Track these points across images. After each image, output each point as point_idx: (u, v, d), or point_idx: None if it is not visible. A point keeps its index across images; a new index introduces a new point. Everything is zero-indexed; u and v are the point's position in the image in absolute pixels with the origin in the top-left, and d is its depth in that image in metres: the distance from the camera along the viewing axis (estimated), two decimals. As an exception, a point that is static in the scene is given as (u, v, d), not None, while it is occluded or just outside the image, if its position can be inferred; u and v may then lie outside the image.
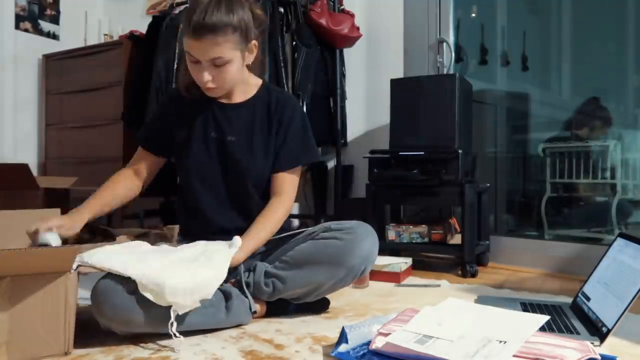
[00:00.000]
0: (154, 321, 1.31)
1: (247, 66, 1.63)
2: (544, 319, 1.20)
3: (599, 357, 1.07)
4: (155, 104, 3.08)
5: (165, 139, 1.66)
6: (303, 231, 1.64)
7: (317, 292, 1.55)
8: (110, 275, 1.31)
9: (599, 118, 2.98)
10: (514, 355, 1.04)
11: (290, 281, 1.51)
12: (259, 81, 1.71)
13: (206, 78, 1.47)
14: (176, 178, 1.72)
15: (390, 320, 1.27)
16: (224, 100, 1.64)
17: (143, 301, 1.28)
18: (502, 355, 1.03)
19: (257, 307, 1.54)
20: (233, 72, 1.51)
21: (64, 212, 1.51)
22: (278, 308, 1.58)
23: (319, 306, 1.64)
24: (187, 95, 1.63)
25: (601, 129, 2.98)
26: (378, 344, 1.15)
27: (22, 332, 1.15)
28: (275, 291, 1.53)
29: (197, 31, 1.40)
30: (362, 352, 1.17)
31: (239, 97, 1.65)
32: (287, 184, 1.64)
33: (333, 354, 1.20)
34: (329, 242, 1.51)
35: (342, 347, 1.20)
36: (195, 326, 1.39)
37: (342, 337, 1.25)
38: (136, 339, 1.33)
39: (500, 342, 1.09)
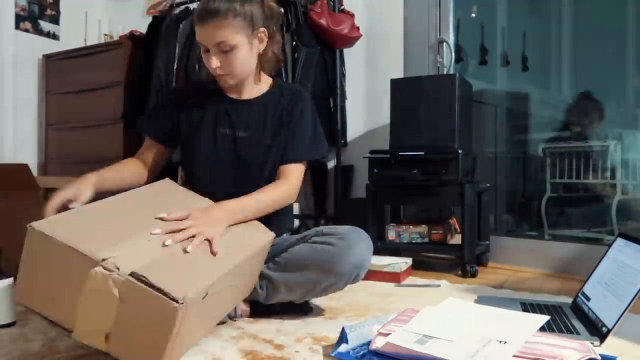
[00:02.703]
0: None
1: (261, 63, 1.62)
2: (544, 319, 1.20)
3: (599, 357, 1.07)
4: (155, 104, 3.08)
5: (171, 130, 1.64)
6: (304, 235, 1.60)
7: (308, 295, 1.54)
8: None
9: (592, 111, 2.98)
10: (514, 355, 1.04)
11: (281, 284, 1.50)
12: (270, 79, 1.69)
13: (214, 63, 1.48)
14: (176, 172, 1.70)
15: (390, 320, 1.27)
16: (234, 96, 1.63)
17: None
18: (502, 355, 1.03)
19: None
20: (241, 58, 1.50)
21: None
22: (263, 308, 1.57)
23: (303, 307, 1.64)
24: (206, 88, 1.62)
25: (597, 122, 2.98)
26: (378, 344, 1.15)
27: (124, 333, 1.05)
28: (269, 293, 1.52)
29: (201, 17, 1.46)
30: (362, 352, 1.17)
31: (251, 94, 1.64)
32: (292, 174, 1.60)
33: (333, 354, 1.20)
34: (320, 247, 1.48)
35: (342, 347, 1.21)
36: None
37: (342, 337, 1.25)
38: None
39: (501, 342, 1.09)
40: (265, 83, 1.67)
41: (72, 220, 1.14)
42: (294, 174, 1.61)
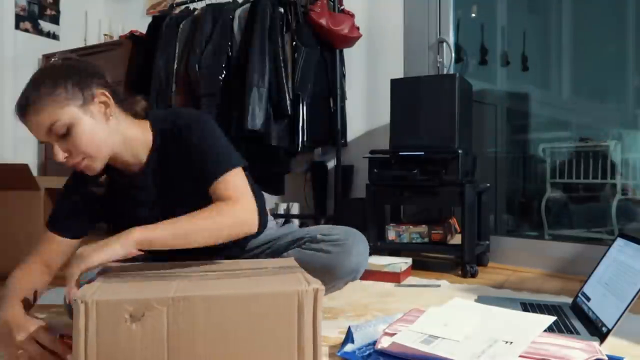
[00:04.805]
0: None
1: (129, 117, 1.36)
2: (550, 319, 1.20)
3: (606, 358, 1.08)
4: (155, 104, 3.09)
5: (88, 223, 1.42)
6: (297, 239, 1.51)
7: None
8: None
9: None
10: (521, 356, 1.05)
11: None
12: (147, 123, 1.38)
13: (60, 155, 1.22)
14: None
15: (396, 320, 1.27)
16: (129, 170, 1.37)
17: None
18: (508, 355, 1.04)
19: None
20: (87, 134, 1.22)
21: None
22: None
23: None
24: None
25: None
26: (384, 343, 1.16)
27: None
28: None
29: (19, 113, 1.24)
30: (368, 352, 1.18)
31: (140, 158, 1.35)
32: (226, 188, 1.28)
33: (339, 354, 1.20)
34: (316, 255, 1.43)
35: (348, 347, 1.21)
36: None
37: (348, 337, 1.26)
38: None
39: (507, 342, 1.09)
40: (146, 131, 1.36)
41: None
42: (228, 188, 1.28)
